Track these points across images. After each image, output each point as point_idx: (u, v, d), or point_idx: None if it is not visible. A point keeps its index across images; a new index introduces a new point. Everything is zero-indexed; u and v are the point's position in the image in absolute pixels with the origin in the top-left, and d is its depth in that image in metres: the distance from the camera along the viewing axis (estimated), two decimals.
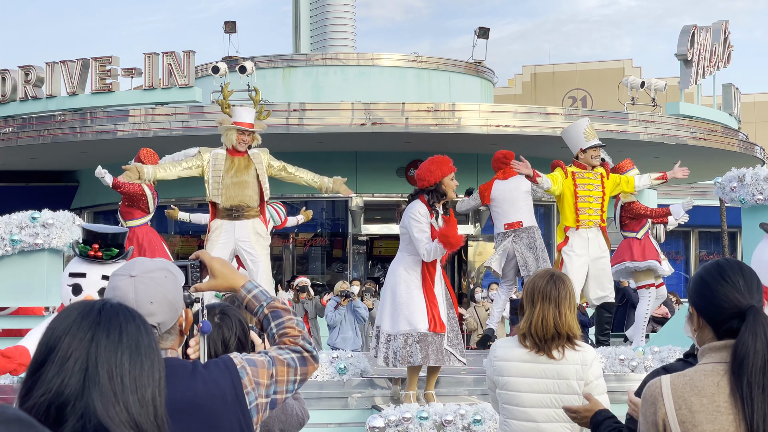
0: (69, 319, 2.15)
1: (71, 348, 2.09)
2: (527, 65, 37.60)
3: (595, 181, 10.09)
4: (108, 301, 2.21)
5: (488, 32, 25.04)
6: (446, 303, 8.28)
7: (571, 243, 10.01)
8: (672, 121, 21.23)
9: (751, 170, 9.58)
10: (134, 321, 2.18)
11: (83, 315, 2.15)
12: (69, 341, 2.10)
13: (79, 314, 2.15)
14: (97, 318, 2.14)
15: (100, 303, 2.19)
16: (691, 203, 11.64)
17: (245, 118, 9.74)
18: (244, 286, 3.06)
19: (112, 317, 2.15)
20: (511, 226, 10.93)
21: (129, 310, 2.20)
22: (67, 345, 2.10)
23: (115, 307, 2.19)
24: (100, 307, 2.17)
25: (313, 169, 10.45)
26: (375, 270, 21.89)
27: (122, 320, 2.16)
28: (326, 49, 26.20)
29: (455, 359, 8.23)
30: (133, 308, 2.25)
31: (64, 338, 2.11)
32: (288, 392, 2.92)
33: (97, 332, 2.12)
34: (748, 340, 2.83)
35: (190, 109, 19.77)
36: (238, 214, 9.52)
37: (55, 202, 15.31)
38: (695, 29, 21.90)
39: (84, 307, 2.17)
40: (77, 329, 2.12)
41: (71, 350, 2.09)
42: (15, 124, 20.76)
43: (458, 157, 21.28)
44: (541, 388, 4.65)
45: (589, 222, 10.01)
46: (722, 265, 3.01)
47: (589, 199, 9.99)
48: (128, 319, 2.17)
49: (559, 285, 4.66)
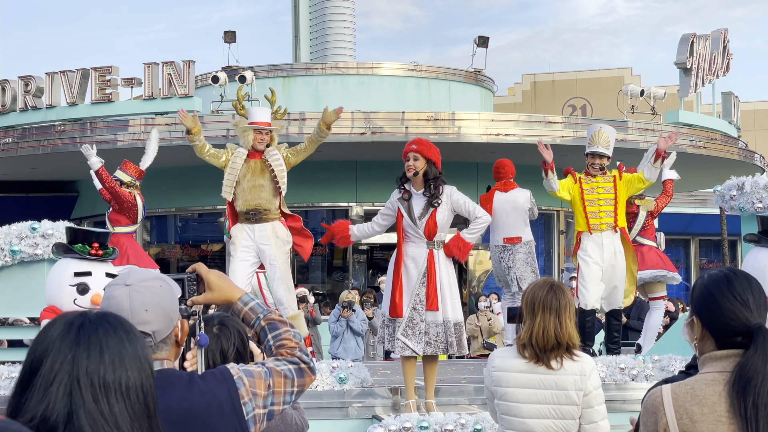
0: (49, 338, 2.13)
1: (53, 371, 2.08)
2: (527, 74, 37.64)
3: (606, 184, 9.98)
4: (87, 315, 2.19)
5: (488, 41, 25.05)
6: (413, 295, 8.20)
7: (585, 247, 9.96)
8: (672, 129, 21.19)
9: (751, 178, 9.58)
10: (115, 333, 2.16)
11: (62, 335, 2.13)
12: (51, 364, 2.09)
13: (58, 335, 2.13)
14: (77, 338, 2.12)
15: (79, 320, 2.17)
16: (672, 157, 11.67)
17: (261, 117, 9.66)
18: (241, 299, 3.05)
19: (91, 334, 2.13)
20: (510, 241, 10.95)
21: (109, 322, 2.17)
22: (49, 368, 2.09)
23: (95, 322, 2.17)
24: (79, 324, 2.15)
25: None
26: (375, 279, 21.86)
27: (102, 336, 2.14)
28: (326, 59, 26.23)
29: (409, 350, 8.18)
30: (119, 315, 2.24)
31: (46, 361, 2.10)
32: (285, 403, 2.91)
33: (78, 353, 2.11)
34: (758, 361, 2.80)
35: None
36: (256, 218, 9.47)
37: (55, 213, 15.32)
38: (694, 38, 21.93)
39: (63, 326, 2.15)
40: (57, 351, 2.10)
41: (54, 373, 2.08)
42: (15, 135, 20.76)
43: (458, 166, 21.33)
44: (540, 398, 4.64)
45: (602, 225, 9.95)
46: (731, 279, 2.96)
47: (599, 203, 9.92)
48: (108, 333, 2.15)
49: (559, 295, 4.65)
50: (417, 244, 8.22)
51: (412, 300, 8.17)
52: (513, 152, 20.50)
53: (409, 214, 8.20)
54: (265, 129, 9.52)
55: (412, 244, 8.23)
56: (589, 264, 9.86)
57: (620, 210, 10.00)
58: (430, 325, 8.19)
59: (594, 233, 9.93)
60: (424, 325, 8.16)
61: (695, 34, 22.03)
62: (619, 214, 9.98)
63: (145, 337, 2.74)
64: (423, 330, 8.15)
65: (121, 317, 2.23)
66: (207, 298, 3.04)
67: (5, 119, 21.15)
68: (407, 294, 8.18)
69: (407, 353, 8.16)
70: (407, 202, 8.22)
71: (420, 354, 8.20)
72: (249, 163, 9.50)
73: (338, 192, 21.52)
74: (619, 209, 9.98)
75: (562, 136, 20.03)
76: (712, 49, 22.81)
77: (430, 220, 8.17)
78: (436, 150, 8.30)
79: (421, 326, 8.15)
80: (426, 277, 8.18)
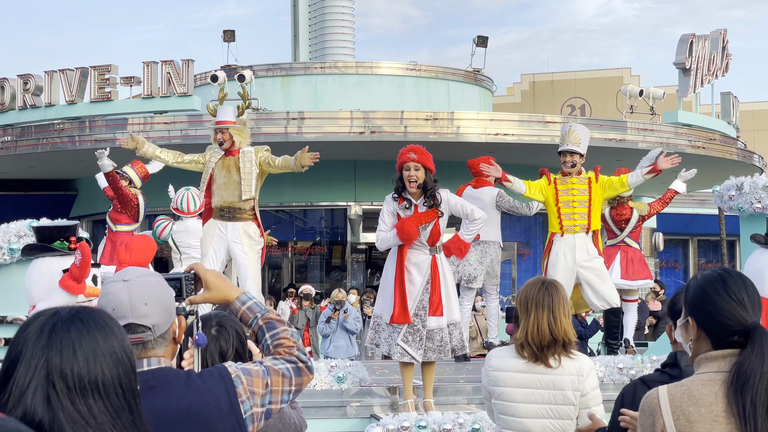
0: (22, 341, 2.12)
1: (27, 377, 2.07)
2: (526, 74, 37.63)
3: (581, 186, 9.88)
4: (60, 314, 2.16)
5: (487, 41, 25.06)
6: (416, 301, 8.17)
7: (555, 250, 9.89)
8: (670, 129, 21.24)
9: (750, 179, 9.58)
10: (89, 331, 2.14)
11: (35, 339, 2.11)
12: (25, 369, 2.08)
13: (31, 337, 2.11)
14: (48, 341, 2.11)
15: (52, 321, 2.14)
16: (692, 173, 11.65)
17: (221, 116, 9.91)
18: (239, 298, 3.06)
19: (63, 336, 2.12)
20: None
21: (81, 320, 2.16)
22: (23, 372, 2.08)
23: (67, 322, 2.14)
24: (51, 326, 2.13)
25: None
26: (374, 279, 21.87)
27: (74, 336, 2.12)
28: (325, 58, 26.23)
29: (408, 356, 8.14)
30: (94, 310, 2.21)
31: (19, 365, 2.09)
32: (283, 402, 2.92)
33: (51, 356, 2.09)
34: (755, 360, 2.80)
35: (188, 117, 19.78)
36: (229, 216, 9.61)
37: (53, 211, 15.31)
38: (694, 38, 21.93)
39: (36, 328, 2.13)
40: (31, 356, 2.09)
41: (28, 379, 2.07)
42: (14, 133, 20.76)
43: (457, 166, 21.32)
44: (537, 398, 4.64)
45: (575, 227, 9.90)
46: (726, 279, 2.96)
47: (573, 204, 9.82)
48: (81, 332, 2.14)
49: (552, 291, 4.65)
50: (420, 251, 8.17)
51: (415, 306, 8.13)
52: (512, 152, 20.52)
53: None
54: (222, 128, 9.75)
55: (415, 251, 8.16)
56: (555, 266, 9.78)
57: (594, 212, 9.86)
58: (433, 331, 8.15)
59: (566, 234, 9.87)
60: (425, 332, 8.12)
61: (694, 35, 22.03)
62: (593, 216, 9.87)
63: (144, 330, 2.75)
64: (423, 336, 8.11)
65: (97, 312, 2.21)
66: (205, 298, 3.04)
67: (4, 118, 21.15)
68: (411, 300, 8.13)
69: (406, 359, 8.13)
70: (408, 211, 8.13)
71: (419, 361, 8.17)
72: (224, 161, 9.74)
73: (337, 191, 21.52)
74: (593, 212, 9.84)
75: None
76: (711, 50, 22.81)
77: (434, 229, 8.13)
78: (431, 156, 8.27)
79: (422, 333, 8.11)
80: (430, 284, 8.15)
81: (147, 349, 2.77)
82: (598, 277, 9.93)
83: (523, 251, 23.58)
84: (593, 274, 9.89)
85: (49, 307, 2.21)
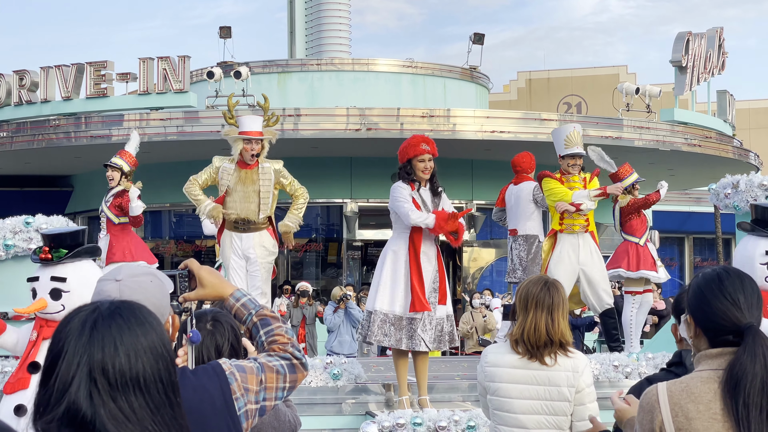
0: (64, 338, 2.13)
1: (70, 373, 2.08)
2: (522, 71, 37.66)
3: (579, 185, 9.98)
4: (100, 310, 2.17)
5: (483, 38, 25.05)
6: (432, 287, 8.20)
7: (560, 249, 9.91)
8: (667, 127, 21.26)
9: (745, 177, 9.59)
10: (129, 328, 2.15)
11: (77, 335, 2.12)
12: (67, 366, 2.08)
13: (73, 333, 2.12)
14: (90, 338, 2.11)
15: (92, 317, 2.15)
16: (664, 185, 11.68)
17: (251, 126, 9.47)
18: (233, 295, 3.05)
19: (104, 332, 2.12)
20: (511, 233, 10.99)
21: (122, 315, 2.16)
22: (65, 370, 2.08)
23: (108, 318, 2.15)
24: (93, 322, 2.14)
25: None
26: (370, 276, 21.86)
27: (115, 332, 2.13)
28: (321, 55, 26.22)
29: (423, 345, 8.16)
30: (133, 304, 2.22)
31: (61, 362, 2.09)
32: (277, 399, 2.91)
33: (93, 352, 2.10)
34: (746, 361, 2.80)
35: (185, 114, 19.76)
36: (244, 227, 9.43)
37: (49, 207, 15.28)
38: (690, 36, 21.94)
39: (78, 325, 2.14)
40: (73, 353, 2.10)
41: (71, 375, 2.07)
42: (9, 129, 20.74)
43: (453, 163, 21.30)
44: (532, 394, 4.64)
45: (575, 226, 9.92)
46: (723, 278, 2.96)
47: None
48: (122, 328, 2.14)
49: (552, 292, 4.66)
50: (430, 239, 8.24)
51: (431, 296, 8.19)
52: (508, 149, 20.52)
53: (426, 209, 8.20)
54: (255, 138, 9.38)
55: (428, 241, 8.22)
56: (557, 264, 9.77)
57: (591, 212, 9.96)
58: (441, 320, 8.21)
59: (566, 233, 9.88)
60: (436, 321, 8.19)
61: (691, 33, 22.04)
62: (590, 215, 9.96)
63: None
64: (435, 325, 8.18)
65: (136, 307, 2.22)
66: (199, 295, 3.03)
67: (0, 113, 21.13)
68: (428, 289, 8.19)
69: (422, 348, 8.14)
70: (419, 194, 8.25)
71: (432, 349, 8.22)
72: (240, 173, 9.40)
73: (333, 188, 21.52)
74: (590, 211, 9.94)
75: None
76: (708, 48, 22.83)
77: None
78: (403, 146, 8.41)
79: (435, 321, 8.18)
80: (438, 273, 8.23)
81: None
82: (598, 279, 9.94)
83: None
84: (594, 275, 9.91)
85: (89, 303, 2.21)
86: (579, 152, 9.92)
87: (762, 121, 36.05)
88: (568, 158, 9.92)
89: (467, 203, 22.04)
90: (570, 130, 9.96)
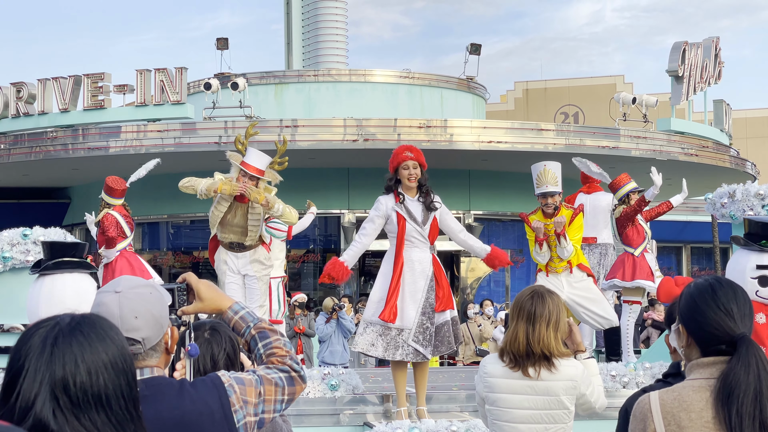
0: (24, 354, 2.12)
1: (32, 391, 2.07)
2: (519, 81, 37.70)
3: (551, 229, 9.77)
4: (60, 326, 2.16)
5: (480, 48, 25.09)
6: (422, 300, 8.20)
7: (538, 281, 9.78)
8: (663, 136, 21.29)
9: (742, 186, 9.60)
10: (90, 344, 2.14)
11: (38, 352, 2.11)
12: (29, 383, 2.08)
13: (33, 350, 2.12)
14: (51, 356, 2.11)
15: (53, 333, 2.14)
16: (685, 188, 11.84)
17: (255, 162, 9.31)
18: (231, 308, 3.06)
19: (65, 349, 2.12)
20: (585, 241, 11.03)
21: (82, 332, 2.15)
22: (28, 387, 2.08)
23: (68, 335, 2.14)
24: (53, 339, 2.13)
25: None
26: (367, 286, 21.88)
27: (76, 349, 2.13)
28: (318, 66, 26.25)
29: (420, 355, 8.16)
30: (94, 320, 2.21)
31: (23, 379, 2.09)
32: (275, 411, 2.92)
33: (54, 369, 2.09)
34: (740, 371, 2.81)
35: (182, 125, 19.78)
36: (239, 248, 9.54)
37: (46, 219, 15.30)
38: (686, 45, 21.98)
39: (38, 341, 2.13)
40: (35, 371, 2.09)
41: (33, 393, 2.07)
42: (7, 141, 20.75)
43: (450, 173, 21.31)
44: (531, 404, 4.65)
45: (558, 270, 9.79)
46: (716, 289, 2.97)
47: (553, 243, 9.70)
48: (82, 345, 2.14)
49: (537, 302, 4.61)
50: (421, 249, 8.24)
51: (422, 306, 8.17)
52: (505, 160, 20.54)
53: (412, 219, 8.21)
54: (251, 175, 9.27)
55: (416, 249, 8.23)
56: None
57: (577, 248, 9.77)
58: (440, 326, 8.22)
59: (551, 275, 9.75)
60: (434, 329, 8.19)
61: (687, 42, 22.09)
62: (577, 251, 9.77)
63: (134, 344, 2.74)
64: (432, 334, 8.18)
65: (97, 321, 2.21)
66: (197, 308, 3.04)
67: None
68: (413, 300, 8.16)
69: (419, 359, 8.16)
70: (403, 206, 8.25)
71: (430, 358, 8.23)
72: (233, 203, 9.36)
73: (330, 199, 21.53)
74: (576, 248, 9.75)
75: (554, 144, 20.05)
76: (704, 57, 22.87)
77: (434, 223, 8.26)
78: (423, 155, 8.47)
79: (431, 330, 8.18)
80: (434, 281, 8.23)
81: (139, 360, 2.77)
82: (592, 299, 9.85)
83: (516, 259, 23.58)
84: (583, 297, 9.81)
85: (48, 317, 2.21)
86: (549, 191, 9.68)
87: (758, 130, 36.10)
88: (540, 197, 9.77)
89: (465, 213, 22.06)
90: (540, 169, 9.72)
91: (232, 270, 9.56)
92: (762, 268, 6.06)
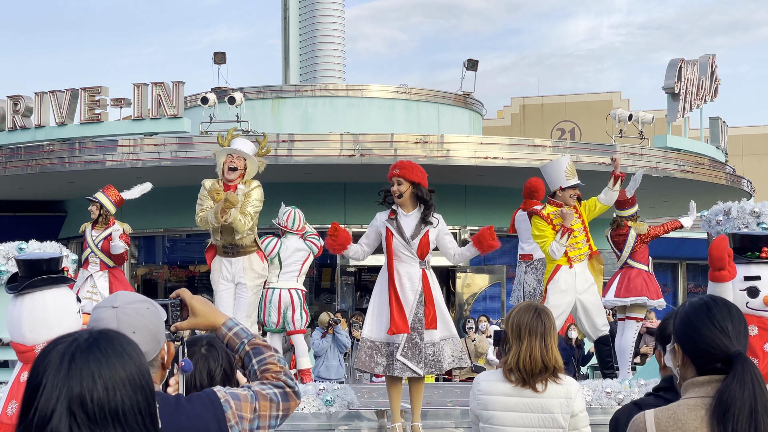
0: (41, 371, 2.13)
1: (50, 407, 2.08)
2: (516, 97, 37.75)
3: (575, 214, 9.91)
4: (78, 343, 2.17)
5: (477, 64, 25.13)
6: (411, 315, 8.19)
7: (557, 278, 9.84)
8: (659, 153, 21.32)
9: (737, 204, 9.63)
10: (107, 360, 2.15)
11: (55, 369, 2.12)
12: (46, 399, 2.09)
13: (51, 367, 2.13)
14: (68, 372, 2.12)
15: (71, 350, 2.15)
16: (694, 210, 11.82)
17: (239, 145, 9.54)
18: (225, 324, 3.06)
19: (82, 366, 2.13)
20: (523, 258, 11.15)
21: (100, 348, 2.16)
22: (45, 403, 2.09)
23: (86, 351, 2.15)
24: (71, 356, 2.14)
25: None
26: (363, 301, 21.86)
27: (93, 366, 2.13)
28: (315, 81, 26.27)
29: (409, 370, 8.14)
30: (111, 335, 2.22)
31: (40, 396, 2.10)
32: (270, 427, 2.92)
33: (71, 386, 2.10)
34: (735, 388, 2.82)
35: (179, 139, 19.78)
36: (233, 252, 9.53)
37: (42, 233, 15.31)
38: (683, 63, 22.03)
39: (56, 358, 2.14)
40: (52, 387, 2.10)
41: (50, 410, 2.08)
42: (3, 154, 20.74)
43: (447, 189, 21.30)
44: (525, 422, 4.65)
45: (581, 257, 9.88)
46: (711, 307, 2.99)
47: (574, 234, 9.81)
48: (100, 361, 2.14)
49: (544, 318, 4.69)
50: (409, 264, 8.24)
51: (411, 320, 8.16)
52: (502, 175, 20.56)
53: (400, 234, 8.22)
54: (238, 153, 9.38)
55: (405, 264, 8.24)
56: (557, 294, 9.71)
57: (589, 234, 9.95)
58: (427, 345, 8.19)
59: (575, 264, 9.81)
60: (423, 345, 8.16)
61: (683, 60, 22.14)
62: (590, 238, 9.94)
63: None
64: (422, 349, 8.15)
65: (115, 337, 2.22)
66: (191, 324, 3.04)
67: None
68: (408, 313, 8.17)
69: (408, 374, 8.14)
70: (395, 221, 8.26)
71: (421, 375, 8.18)
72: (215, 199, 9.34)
73: (327, 213, 21.50)
74: (588, 234, 9.91)
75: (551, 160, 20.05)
76: (700, 75, 22.93)
77: (424, 239, 8.23)
78: (420, 169, 8.37)
79: (421, 345, 8.15)
80: (423, 297, 8.21)
81: None
82: (592, 306, 9.90)
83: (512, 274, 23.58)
84: (589, 302, 9.87)
85: (67, 333, 2.21)
86: (581, 183, 9.85)
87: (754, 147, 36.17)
88: (569, 190, 9.83)
89: (461, 229, 22.07)
90: (568, 162, 9.90)
91: (225, 278, 9.59)
92: (750, 279, 6.11)
